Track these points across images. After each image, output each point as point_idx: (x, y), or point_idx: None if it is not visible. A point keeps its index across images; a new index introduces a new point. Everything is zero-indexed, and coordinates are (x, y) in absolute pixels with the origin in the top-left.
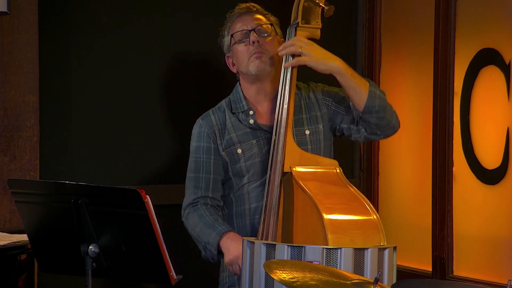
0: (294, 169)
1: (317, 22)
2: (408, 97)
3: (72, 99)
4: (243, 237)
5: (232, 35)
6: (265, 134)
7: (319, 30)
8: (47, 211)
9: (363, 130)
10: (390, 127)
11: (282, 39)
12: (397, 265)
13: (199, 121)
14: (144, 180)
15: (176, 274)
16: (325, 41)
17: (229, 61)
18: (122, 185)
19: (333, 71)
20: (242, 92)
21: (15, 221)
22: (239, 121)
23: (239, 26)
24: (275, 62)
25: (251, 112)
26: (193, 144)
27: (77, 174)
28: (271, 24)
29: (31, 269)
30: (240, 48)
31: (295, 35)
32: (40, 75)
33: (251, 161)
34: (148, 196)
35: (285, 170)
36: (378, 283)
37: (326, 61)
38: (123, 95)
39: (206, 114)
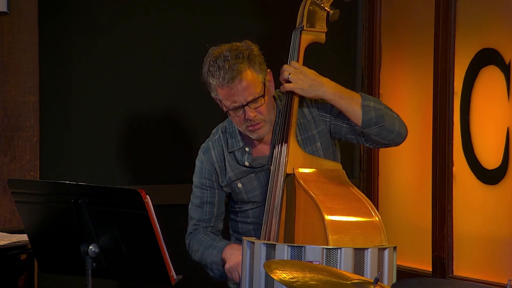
0: (297, 170)
1: (322, 26)
2: (408, 97)
3: (72, 99)
4: (243, 237)
5: (227, 110)
6: (262, 168)
7: (324, 34)
8: (47, 211)
9: (371, 141)
10: (394, 134)
11: (269, 70)
12: (397, 265)
13: (200, 155)
14: (144, 180)
15: (176, 274)
16: (325, 42)
17: (217, 101)
18: (122, 185)
19: (320, 97)
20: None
21: (15, 221)
22: (236, 160)
23: (229, 97)
24: (272, 118)
25: (247, 149)
26: (196, 179)
27: (77, 174)
28: (263, 96)
29: (31, 269)
30: (234, 117)
31: (300, 39)
32: (40, 75)
33: (252, 193)
34: (148, 196)
35: (288, 172)
36: (378, 283)
37: (312, 88)
38: (123, 95)
39: (207, 148)
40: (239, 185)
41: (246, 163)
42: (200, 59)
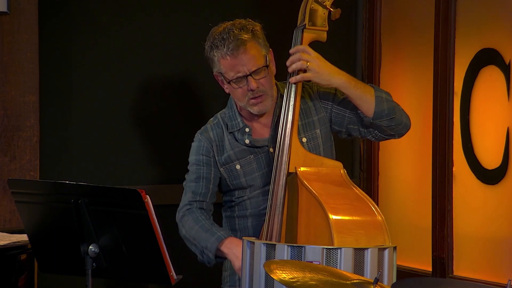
0: (299, 169)
1: (324, 25)
2: (408, 97)
3: (72, 99)
4: (243, 237)
5: (230, 81)
6: (262, 149)
7: (326, 32)
8: (47, 211)
9: (375, 132)
10: (402, 126)
11: (271, 49)
12: (397, 265)
13: (198, 136)
14: (144, 180)
15: (176, 274)
16: (326, 41)
17: (219, 79)
18: (122, 185)
19: (336, 86)
20: (237, 107)
21: (15, 221)
22: (236, 139)
23: (232, 67)
24: (274, 92)
25: (247, 130)
26: (193, 157)
27: (77, 174)
28: (266, 66)
29: (31, 269)
30: (237, 89)
31: (302, 37)
32: (40, 75)
33: (251, 176)
34: (148, 196)
35: (290, 170)
36: (378, 283)
37: (329, 76)
38: (123, 95)
39: (205, 129)
40: (238, 166)
41: (247, 141)
42: (200, 59)
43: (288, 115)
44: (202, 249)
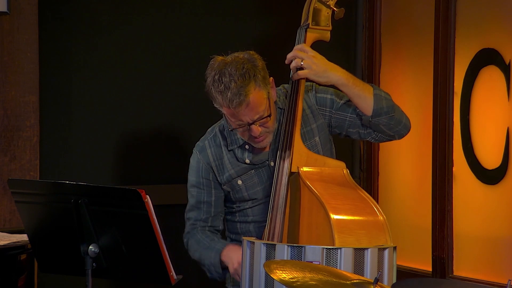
0: (301, 169)
1: (327, 24)
2: (408, 97)
3: (72, 99)
4: (243, 237)
5: (233, 129)
6: (263, 164)
7: (329, 32)
8: (47, 211)
9: (375, 133)
10: (401, 126)
11: (271, 78)
12: (397, 265)
13: (196, 153)
14: (144, 180)
15: (176, 274)
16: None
17: (222, 113)
18: (122, 185)
19: (334, 83)
20: None
21: (15, 221)
22: (236, 158)
23: (235, 116)
24: (275, 126)
25: (246, 147)
26: (193, 178)
27: (77, 174)
28: (269, 116)
29: (31, 269)
30: (240, 132)
31: (305, 36)
32: (40, 75)
33: (253, 190)
34: (148, 196)
35: (292, 170)
36: (378, 283)
37: (327, 73)
38: (123, 95)
39: (202, 147)
40: (239, 182)
41: (247, 161)
42: (202, 60)
43: (291, 116)
44: (209, 267)
